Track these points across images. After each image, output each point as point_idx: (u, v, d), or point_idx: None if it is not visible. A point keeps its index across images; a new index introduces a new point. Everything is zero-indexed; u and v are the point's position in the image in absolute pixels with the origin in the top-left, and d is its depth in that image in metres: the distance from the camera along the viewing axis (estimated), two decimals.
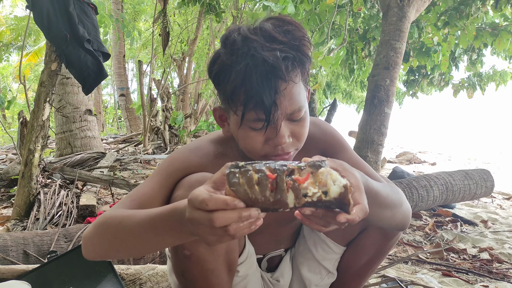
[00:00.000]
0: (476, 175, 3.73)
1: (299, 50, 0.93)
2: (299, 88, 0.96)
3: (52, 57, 2.73)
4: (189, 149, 1.15)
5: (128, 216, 0.90)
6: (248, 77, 0.89)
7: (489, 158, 12.79)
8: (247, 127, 0.97)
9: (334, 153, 1.20)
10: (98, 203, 3.15)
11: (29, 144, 2.75)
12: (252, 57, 0.89)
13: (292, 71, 0.92)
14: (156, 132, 8.23)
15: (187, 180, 1.04)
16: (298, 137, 1.02)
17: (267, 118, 0.92)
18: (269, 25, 0.93)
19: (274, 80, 0.89)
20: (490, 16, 6.38)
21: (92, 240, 0.96)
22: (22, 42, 5.59)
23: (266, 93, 0.89)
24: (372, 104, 4.26)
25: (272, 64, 0.88)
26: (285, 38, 0.91)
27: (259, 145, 0.99)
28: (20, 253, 1.94)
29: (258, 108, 0.91)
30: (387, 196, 1.00)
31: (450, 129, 36.81)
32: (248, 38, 0.91)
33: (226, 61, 0.92)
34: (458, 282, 2.30)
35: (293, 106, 0.95)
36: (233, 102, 0.95)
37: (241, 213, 0.69)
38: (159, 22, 7.54)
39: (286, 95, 0.93)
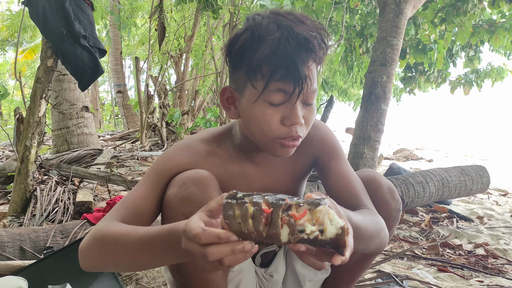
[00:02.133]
0: (472, 171, 3.75)
1: (321, 37, 0.96)
2: (315, 71, 0.99)
3: (48, 53, 2.72)
4: (179, 147, 1.14)
5: (126, 234, 0.89)
6: (282, 47, 0.90)
7: (486, 155, 12.84)
8: (265, 102, 0.97)
9: (328, 160, 1.20)
10: (95, 199, 3.15)
11: (25, 141, 2.75)
12: (286, 28, 0.92)
13: (320, 51, 0.95)
14: (153, 129, 8.22)
15: (180, 177, 1.03)
16: (308, 122, 1.03)
17: (295, 89, 0.93)
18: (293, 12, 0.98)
19: (307, 53, 0.93)
20: (487, 13, 6.39)
21: (89, 255, 0.95)
22: (17, 38, 5.58)
23: (299, 64, 0.91)
24: (369, 101, 4.26)
25: (306, 38, 0.91)
26: (311, 24, 0.96)
27: (275, 124, 0.99)
28: (17, 249, 1.94)
29: (286, 78, 0.93)
30: (366, 229, 0.97)
31: (447, 126, 36.88)
32: (279, 16, 0.95)
33: (255, 34, 0.94)
34: (453, 278, 2.31)
35: (314, 85, 0.98)
36: (256, 73, 0.95)
37: (234, 247, 0.69)
38: (155, 17, 7.51)
39: (311, 71, 0.96)
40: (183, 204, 0.98)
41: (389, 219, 1.17)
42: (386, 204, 1.18)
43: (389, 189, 1.21)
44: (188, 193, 0.98)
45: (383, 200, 1.18)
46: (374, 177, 1.21)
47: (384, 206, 1.17)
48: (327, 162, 1.19)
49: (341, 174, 1.16)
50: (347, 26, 6.68)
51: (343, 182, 1.14)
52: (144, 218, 1.03)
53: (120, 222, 0.97)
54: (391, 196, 1.20)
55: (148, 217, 1.04)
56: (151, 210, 1.04)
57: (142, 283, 1.86)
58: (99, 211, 2.45)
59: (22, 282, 1.54)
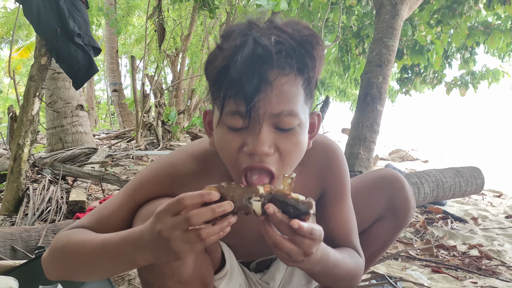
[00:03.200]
0: (467, 172, 3.76)
1: (301, 45, 0.80)
2: (295, 90, 0.81)
3: (42, 51, 2.70)
4: (164, 166, 1.02)
5: (85, 242, 0.88)
6: (234, 57, 0.77)
7: (481, 156, 12.89)
8: (225, 126, 0.83)
9: (332, 197, 1.11)
10: (89, 198, 3.13)
11: (18, 139, 2.72)
12: (244, 37, 0.78)
13: (286, 62, 0.78)
14: (149, 128, 8.19)
15: (145, 212, 0.96)
16: (283, 153, 0.83)
17: (247, 109, 0.77)
18: (278, 20, 0.84)
19: (262, 64, 0.76)
20: (483, 15, 6.42)
21: (52, 265, 0.94)
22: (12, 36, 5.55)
23: (249, 76, 0.75)
24: (364, 102, 4.27)
25: (263, 46, 0.76)
26: (290, 30, 0.81)
27: (233, 152, 0.83)
28: (8, 249, 1.93)
29: (239, 95, 0.77)
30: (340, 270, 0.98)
31: (443, 127, 37.05)
32: (250, 23, 0.82)
33: (219, 46, 0.83)
34: (447, 279, 2.31)
35: (282, 105, 0.79)
36: (216, 90, 0.82)
37: (214, 209, 0.70)
38: (153, 18, 7.50)
39: (275, 87, 0.78)
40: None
41: (407, 216, 1.24)
42: (408, 202, 1.23)
43: (410, 188, 1.25)
44: None
45: (406, 198, 1.22)
46: (397, 176, 1.24)
47: (406, 204, 1.22)
48: (332, 198, 1.11)
49: (341, 213, 1.11)
50: (343, 27, 6.69)
51: (341, 221, 1.11)
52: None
53: (82, 230, 0.96)
54: (412, 195, 1.25)
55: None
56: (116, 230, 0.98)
57: (135, 283, 1.84)
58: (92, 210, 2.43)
59: (12, 282, 1.53)
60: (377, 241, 1.27)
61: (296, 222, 0.74)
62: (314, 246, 0.79)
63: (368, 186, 1.25)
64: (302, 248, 0.78)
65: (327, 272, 0.93)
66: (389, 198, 1.21)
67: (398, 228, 1.26)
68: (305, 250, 0.78)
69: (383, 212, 1.23)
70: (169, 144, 7.85)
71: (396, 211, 1.22)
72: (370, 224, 1.26)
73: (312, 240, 0.78)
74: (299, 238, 0.76)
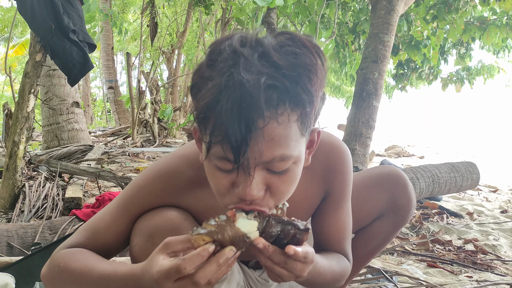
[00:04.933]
0: (462, 167, 3.78)
1: (297, 82, 0.70)
2: (288, 131, 0.73)
3: (36, 48, 2.68)
4: (160, 174, 0.98)
5: (83, 273, 0.87)
6: (217, 101, 0.69)
7: (476, 152, 12.95)
8: (213, 163, 0.77)
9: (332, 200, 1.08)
10: (85, 195, 3.12)
11: (13, 136, 2.71)
12: (230, 76, 0.69)
13: (278, 107, 0.70)
14: (145, 125, 8.19)
15: (147, 225, 0.94)
16: (275, 193, 0.79)
17: (235, 160, 0.71)
18: (270, 40, 0.73)
19: (248, 113, 0.68)
20: (479, 10, 6.44)
21: (52, 281, 0.94)
22: (9, 34, 5.53)
23: (235, 127, 0.68)
24: (360, 97, 4.27)
25: (249, 91, 0.67)
26: (283, 62, 0.70)
27: (223, 190, 0.79)
28: (4, 245, 1.93)
29: (225, 143, 0.70)
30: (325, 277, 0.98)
31: (439, 123, 37.17)
32: (236, 51, 0.71)
33: (204, 73, 0.74)
34: (443, 273, 2.33)
35: (274, 152, 0.73)
36: (202, 125, 0.74)
37: (218, 261, 0.69)
38: (147, 13, 7.47)
39: (265, 135, 0.70)
40: None
41: (408, 214, 1.24)
42: (410, 201, 1.23)
43: (412, 187, 1.25)
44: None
45: (408, 197, 1.22)
46: (400, 174, 1.23)
47: (408, 203, 1.22)
48: (333, 201, 1.08)
49: (338, 218, 1.09)
50: (339, 23, 6.69)
51: (337, 226, 1.09)
52: (108, 251, 0.99)
53: (80, 250, 0.95)
54: (413, 194, 1.25)
55: (111, 249, 1.00)
56: (114, 243, 0.99)
57: None
58: (88, 207, 2.43)
59: (9, 279, 1.53)
60: (377, 238, 1.27)
61: (292, 248, 0.73)
62: (306, 270, 0.79)
63: (370, 183, 1.24)
64: (294, 273, 0.77)
65: (312, 279, 0.92)
66: (391, 196, 1.21)
67: (398, 226, 1.26)
68: (297, 274, 0.78)
69: (384, 210, 1.23)
70: (165, 141, 7.85)
71: (397, 210, 1.22)
72: (371, 221, 1.25)
73: (305, 263, 0.77)
74: (292, 264, 0.76)
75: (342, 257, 1.09)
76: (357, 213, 1.18)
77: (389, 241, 1.31)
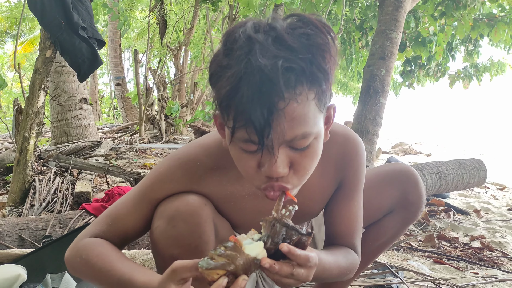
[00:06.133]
0: (469, 164, 3.76)
1: (312, 62, 0.74)
2: (307, 109, 0.77)
3: (46, 44, 2.72)
4: (181, 163, 1.01)
5: (103, 271, 0.91)
6: (238, 88, 0.72)
7: (484, 149, 12.87)
8: (238, 146, 0.81)
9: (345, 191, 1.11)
10: (94, 190, 3.16)
11: (24, 131, 2.75)
12: (248, 63, 0.72)
13: (297, 87, 0.73)
14: (152, 121, 8.23)
15: (168, 208, 0.97)
16: (298, 170, 0.83)
17: (260, 142, 0.75)
18: (282, 24, 0.76)
19: (269, 96, 0.71)
20: (487, 7, 6.39)
21: (74, 271, 0.99)
22: (17, 30, 5.53)
23: (257, 111, 0.72)
24: (367, 94, 4.27)
25: (268, 76, 0.70)
26: (297, 44, 0.73)
27: (251, 171, 0.83)
28: (16, 238, 1.96)
29: (249, 127, 0.74)
30: (331, 273, 1.00)
31: (446, 120, 36.91)
32: (251, 38, 0.74)
33: (221, 62, 0.77)
34: (449, 269, 2.33)
35: (296, 130, 0.77)
36: (224, 113, 0.78)
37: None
38: (155, 11, 7.51)
39: (286, 116, 0.74)
40: (171, 246, 0.95)
41: (419, 211, 1.25)
42: (421, 198, 1.24)
43: (423, 184, 1.26)
44: (176, 233, 0.94)
45: (419, 194, 1.23)
46: (412, 171, 1.24)
47: (419, 199, 1.23)
48: (346, 192, 1.11)
49: (350, 209, 1.11)
50: (346, 19, 6.67)
51: (348, 218, 1.11)
52: (129, 236, 1.03)
53: (102, 244, 0.98)
54: (424, 191, 1.26)
55: (132, 235, 1.03)
56: (135, 229, 1.02)
57: None
58: (97, 201, 2.46)
59: (21, 270, 1.56)
60: (387, 233, 1.28)
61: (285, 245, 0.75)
62: (311, 274, 0.80)
63: (382, 179, 1.25)
64: (300, 279, 0.79)
65: (318, 275, 0.94)
66: (403, 193, 1.22)
67: (408, 222, 1.27)
68: (303, 279, 0.80)
69: (395, 206, 1.24)
70: (172, 137, 7.88)
71: (408, 206, 1.23)
72: (382, 216, 1.27)
73: (309, 268, 0.79)
74: (298, 273, 0.77)
75: (350, 251, 1.11)
76: (368, 208, 1.20)
77: (398, 237, 1.32)
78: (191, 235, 0.93)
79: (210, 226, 0.96)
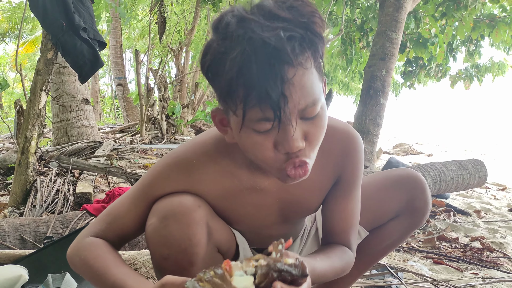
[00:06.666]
0: (470, 165, 3.76)
1: (308, 28, 0.76)
2: (312, 76, 0.79)
3: (48, 46, 2.73)
4: (177, 161, 1.02)
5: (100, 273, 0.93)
6: (246, 66, 0.73)
7: (485, 149, 12.87)
8: (251, 129, 0.81)
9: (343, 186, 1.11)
10: (95, 191, 3.17)
11: (25, 132, 2.77)
12: (250, 40, 0.73)
13: (301, 54, 0.75)
14: (153, 122, 8.24)
15: (162, 207, 0.98)
16: (312, 140, 0.84)
17: (276, 115, 0.75)
18: (269, 1, 0.78)
19: (279, 66, 0.73)
20: (488, 7, 6.39)
21: (74, 268, 1.01)
22: (19, 31, 5.56)
23: (271, 83, 0.72)
24: (368, 95, 4.28)
25: (275, 46, 0.72)
26: (290, 15, 0.75)
27: (269, 152, 0.83)
28: (17, 239, 1.97)
29: (263, 103, 0.74)
30: (328, 277, 1.01)
31: (447, 121, 36.90)
32: (244, 18, 0.75)
33: (219, 48, 0.77)
34: (449, 270, 2.34)
35: (307, 98, 0.78)
36: (231, 100, 0.78)
37: None
38: (155, 11, 7.52)
39: (297, 84, 0.75)
40: (162, 245, 0.96)
41: (424, 217, 1.25)
42: (427, 204, 1.24)
43: (429, 190, 1.26)
44: (166, 232, 0.94)
45: (425, 200, 1.23)
46: (420, 177, 1.25)
47: (425, 206, 1.23)
48: (343, 188, 1.11)
49: (347, 206, 1.11)
50: (347, 20, 6.68)
51: (345, 214, 1.12)
52: (127, 235, 1.04)
53: (101, 245, 1.00)
54: (430, 197, 1.26)
55: (130, 234, 1.05)
56: (133, 227, 1.03)
57: (141, 272, 1.88)
58: (98, 202, 2.47)
59: (22, 271, 1.57)
60: (391, 237, 1.29)
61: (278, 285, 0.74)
62: None
63: (390, 184, 1.25)
64: None
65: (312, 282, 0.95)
66: (410, 198, 1.22)
67: (413, 227, 1.27)
68: None
69: (402, 211, 1.24)
70: (173, 137, 7.89)
71: (414, 212, 1.23)
72: (387, 220, 1.27)
73: None
74: None
75: (345, 250, 1.12)
76: (375, 211, 1.22)
77: (402, 242, 1.33)
78: (181, 236, 0.93)
79: (202, 229, 0.96)
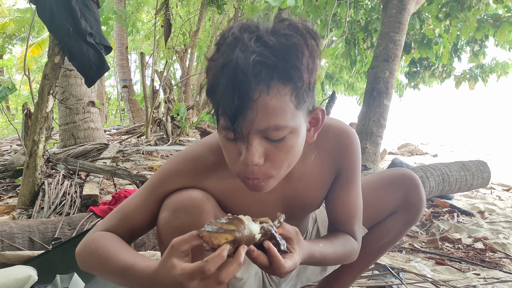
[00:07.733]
0: (473, 166, 3.78)
1: (286, 60, 0.80)
2: (281, 103, 0.82)
3: (55, 50, 2.78)
4: (186, 158, 1.09)
5: (109, 258, 0.95)
6: (218, 78, 0.81)
7: (491, 150, 12.80)
8: (223, 135, 0.89)
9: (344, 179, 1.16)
10: (101, 193, 3.22)
11: (33, 135, 2.81)
12: (227, 57, 0.80)
13: (268, 80, 0.80)
14: (159, 123, 8.29)
15: (173, 201, 1.03)
16: (274, 161, 0.89)
17: (233, 128, 0.83)
18: (268, 26, 0.84)
19: (240, 85, 0.79)
20: (492, 8, 6.38)
21: (83, 264, 1.03)
22: (28, 34, 5.67)
23: (229, 99, 0.80)
24: (371, 96, 4.30)
25: (242, 68, 0.78)
26: (274, 42, 0.80)
27: (232, 159, 0.91)
28: (26, 240, 2.02)
29: (224, 114, 0.83)
30: (329, 260, 1.07)
31: (453, 121, 36.70)
32: (237, 37, 0.82)
33: (212, 57, 0.86)
34: (450, 270, 2.36)
35: (269, 121, 0.83)
36: (211, 101, 0.87)
37: (238, 260, 0.75)
38: (161, 14, 7.57)
39: (259, 106, 0.81)
40: (173, 234, 0.96)
41: (419, 212, 1.31)
42: (421, 200, 1.31)
43: (423, 188, 1.33)
44: (178, 224, 0.99)
45: (420, 196, 1.30)
46: (413, 175, 1.32)
47: (419, 201, 1.30)
48: (344, 181, 1.17)
49: (349, 197, 1.17)
50: (351, 21, 6.69)
51: (347, 205, 1.17)
52: (137, 230, 1.08)
53: (110, 236, 1.03)
54: (424, 194, 1.33)
55: (140, 229, 1.08)
56: (143, 223, 1.07)
57: None
58: (105, 204, 2.52)
59: (31, 271, 1.61)
60: (389, 233, 1.35)
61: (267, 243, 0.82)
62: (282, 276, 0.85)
63: (385, 182, 1.33)
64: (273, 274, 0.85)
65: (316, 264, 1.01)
66: (405, 194, 1.29)
67: (410, 223, 1.34)
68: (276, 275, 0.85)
69: (398, 207, 1.31)
70: (179, 139, 7.94)
71: (409, 207, 1.30)
72: (385, 217, 1.34)
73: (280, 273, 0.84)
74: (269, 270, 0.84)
75: (348, 237, 1.17)
76: (374, 208, 1.29)
77: (400, 238, 1.38)
78: (192, 225, 0.97)
79: (211, 218, 1.01)
